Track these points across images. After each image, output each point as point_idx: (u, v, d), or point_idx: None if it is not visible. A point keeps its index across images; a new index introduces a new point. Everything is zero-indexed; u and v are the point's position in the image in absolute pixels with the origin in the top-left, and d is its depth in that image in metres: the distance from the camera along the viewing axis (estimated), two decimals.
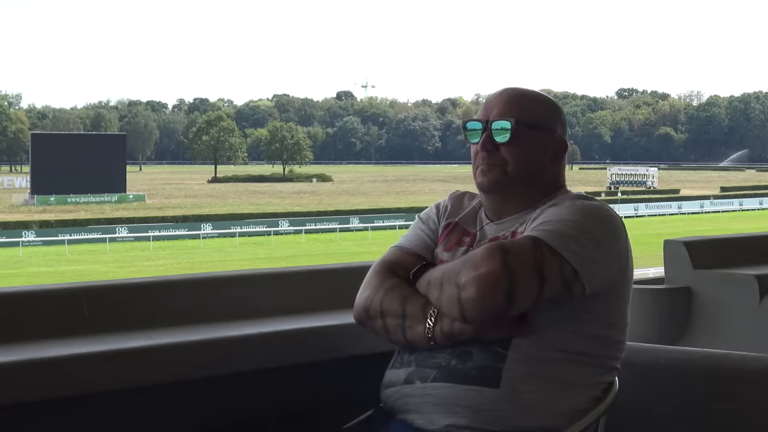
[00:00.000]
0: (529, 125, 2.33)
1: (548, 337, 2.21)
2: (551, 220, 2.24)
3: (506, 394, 2.17)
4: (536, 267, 2.15)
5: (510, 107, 2.34)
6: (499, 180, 2.33)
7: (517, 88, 2.41)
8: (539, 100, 2.40)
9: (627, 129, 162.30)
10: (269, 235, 50.07)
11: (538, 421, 2.18)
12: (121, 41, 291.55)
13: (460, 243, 2.39)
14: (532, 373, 2.19)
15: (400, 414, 2.28)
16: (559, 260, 2.17)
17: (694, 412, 2.57)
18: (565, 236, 2.19)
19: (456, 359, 2.23)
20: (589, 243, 2.21)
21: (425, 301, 2.28)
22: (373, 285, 2.37)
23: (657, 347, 2.74)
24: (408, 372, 2.29)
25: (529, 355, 2.20)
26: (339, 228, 52.80)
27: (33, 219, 55.16)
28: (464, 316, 2.18)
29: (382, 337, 2.36)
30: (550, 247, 2.18)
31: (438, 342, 2.24)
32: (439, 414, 2.21)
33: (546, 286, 2.16)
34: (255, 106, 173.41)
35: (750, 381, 2.52)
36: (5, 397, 2.12)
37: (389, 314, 2.31)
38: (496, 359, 2.20)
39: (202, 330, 2.48)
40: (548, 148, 2.37)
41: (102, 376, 2.24)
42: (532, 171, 2.34)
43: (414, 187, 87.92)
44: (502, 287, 2.13)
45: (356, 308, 2.39)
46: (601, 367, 2.28)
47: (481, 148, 2.34)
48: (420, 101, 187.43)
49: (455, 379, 2.21)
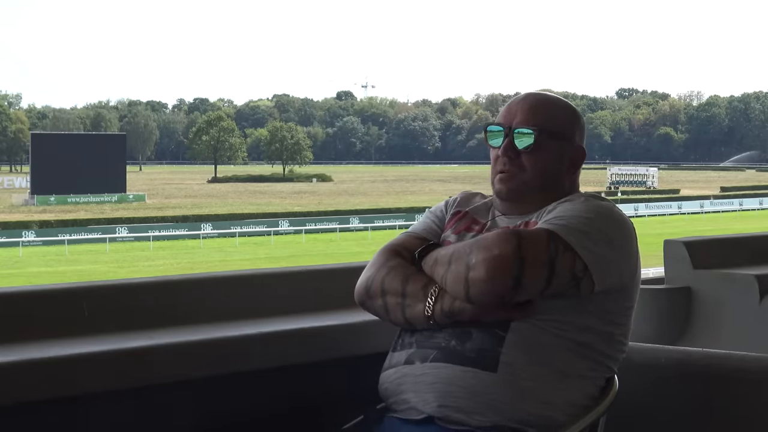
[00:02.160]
0: (550, 134, 2.36)
1: (549, 324, 2.22)
2: (565, 215, 2.25)
3: (503, 380, 2.18)
4: (548, 259, 2.16)
5: (533, 114, 2.36)
6: (518, 189, 2.36)
7: (540, 94, 2.44)
8: (561, 106, 2.42)
9: (627, 129, 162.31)
10: (269, 235, 50.07)
11: (532, 410, 2.17)
12: (121, 41, 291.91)
13: (469, 229, 2.41)
14: (529, 358, 2.19)
15: (393, 396, 2.29)
16: (571, 255, 2.18)
17: (694, 412, 2.57)
18: (580, 232, 2.21)
19: (455, 340, 2.24)
20: (601, 241, 2.22)
21: (427, 281, 2.30)
22: (376, 265, 2.39)
23: (657, 347, 2.74)
24: (409, 353, 2.30)
25: (527, 339, 2.21)
26: (339, 228, 52.79)
27: (33, 219, 55.17)
28: (468, 296, 2.18)
29: (381, 318, 2.37)
30: (564, 241, 2.19)
31: (437, 321, 2.26)
32: (433, 394, 2.21)
33: (555, 279, 2.17)
34: (255, 106, 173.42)
35: (750, 381, 2.52)
36: (5, 397, 2.12)
37: (390, 293, 2.33)
38: (494, 342, 2.21)
39: (202, 330, 2.48)
40: (566, 157, 2.40)
41: (102, 376, 2.24)
42: (549, 179, 2.37)
43: (414, 187, 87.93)
44: (511, 272, 2.14)
45: (357, 288, 2.40)
46: (600, 363, 2.28)
47: (502, 154, 2.36)
48: (420, 101, 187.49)
49: (454, 360, 2.22)
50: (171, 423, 2.42)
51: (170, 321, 2.54)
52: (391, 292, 2.33)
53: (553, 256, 2.17)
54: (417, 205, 61.66)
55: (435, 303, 2.26)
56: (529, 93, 2.43)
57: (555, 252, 2.17)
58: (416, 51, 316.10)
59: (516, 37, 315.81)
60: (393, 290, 2.32)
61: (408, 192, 80.00)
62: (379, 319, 2.39)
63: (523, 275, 2.14)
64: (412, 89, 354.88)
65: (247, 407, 2.51)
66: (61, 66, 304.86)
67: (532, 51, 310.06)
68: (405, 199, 70.39)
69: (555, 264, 2.17)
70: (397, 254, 2.38)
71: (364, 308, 2.40)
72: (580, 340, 2.23)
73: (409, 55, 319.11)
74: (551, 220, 2.25)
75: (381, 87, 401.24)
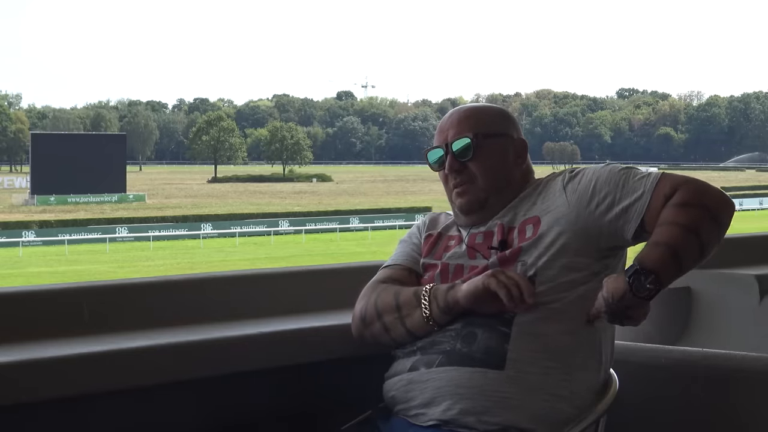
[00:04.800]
0: (486, 135, 2.42)
1: (553, 315, 2.24)
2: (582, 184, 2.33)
3: (510, 377, 2.20)
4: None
5: (464, 125, 2.43)
6: (477, 198, 2.41)
7: (465, 106, 2.52)
8: (487, 109, 2.51)
9: (627, 129, 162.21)
10: (269, 235, 50.04)
11: (542, 404, 2.19)
12: (121, 41, 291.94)
13: (447, 248, 2.45)
14: (534, 353, 2.22)
15: (401, 404, 2.29)
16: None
17: (694, 412, 2.57)
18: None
19: (461, 342, 2.26)
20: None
21: (416, 288, 2.35)
22: (365, 296, 2.45)
23: (657, 347, 2.74)
24: (413, 360, 2.32)
25: (531, 334, 2.23)
26: (339, 228, 52.76)
27: (33, 219, 55.12)
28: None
29: (384, 342, 2.39)
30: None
31: (437, 321, 2.29)
32: (441, 397, 2.22)
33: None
34: (255, 106, 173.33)
35: (750, 381, 2.52)
36: (5, 397, 2.12)
37: (385, 312, 2.37)
38: (500, 339, 2.23)
39: (202, 330, 2.48)
40: (509, 151, 2.45)
41: (102, 376, 2.24)
42: (502, 178, 2.42)
43: (414, 187, 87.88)
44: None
45: (353, 322, 2.46)
46: (600, 354, 2.31)
47: (449, 171, 2.43)
48: (420, 101, 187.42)
49: (461, 362, 2.23)
50: (171, 423, 2.43)
51: (170, 321, 2.54)
52: (386, 311, 2.37)
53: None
54: (417, 205, 61.63)
55: (430, 304, 2.29)
56: (453, 110, 2.51)
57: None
58: (416, 51, 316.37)
59: (516, 37, 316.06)
60: (387, 308, 2.37)
61: (408, 192, 79.97)
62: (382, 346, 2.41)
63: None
64: (412, 89, 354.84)
65: (248, 407, 2.51)
66: (61, 66, 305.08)
67: (532, 51, 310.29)
68: (405, 199, 70.34)
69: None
70: (383, 283, 2.45)
71: (363, 340, 2.45)
72: (580, 330, 2.26)
73: (409, 55, 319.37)
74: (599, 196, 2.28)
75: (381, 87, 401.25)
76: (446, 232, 2.50)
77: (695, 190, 2.20)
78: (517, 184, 2.43)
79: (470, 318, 2.27)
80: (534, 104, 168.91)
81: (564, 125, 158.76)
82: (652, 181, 2.24)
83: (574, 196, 2.30)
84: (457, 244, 2.43)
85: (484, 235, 2.39)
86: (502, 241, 2.34)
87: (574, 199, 2.30)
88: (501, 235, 2.35)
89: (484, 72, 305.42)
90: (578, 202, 2.29)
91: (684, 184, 2.21)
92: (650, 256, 2.14)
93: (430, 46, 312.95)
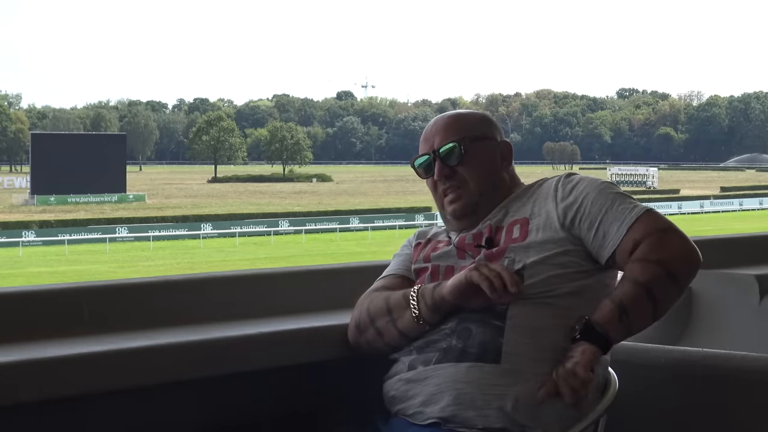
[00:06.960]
0: (472, 139, 2.45)
1: (545, 308, 2.25)
2: (579, 198, 2.35)
3: (506, 370, 2.20)
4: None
5: (450, 131, 2.46)
6: (470, 203, 2.43)
7: (447, 113, 2.54)
8: (470, 114, 2.54)
9: (627, 129, 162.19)
10: (269, 235, 50.03)
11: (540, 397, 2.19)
12: (121, 41, 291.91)
13: (436, 249, 2.47)
14: (529, 345, 2.22)
15: (401, 403, 2.30)
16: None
17: (694, 412, 2.57)
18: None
19: (456, 338, 2.27)
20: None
21: (405, 290, 2.37)
22: (359, 305, 2.48)
23: (657, 347, 2.74)
24: (410, 360, 2.33)
25: (525, 326, 2.24)
26: (339, 228, 52.75)
27: (33, 219, 55.11)
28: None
29: (380, 348, 2.41)
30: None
31: (427, 320, 2.31)
32: (440, 394, 2.23)
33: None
34: (255, 106, 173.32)
35: (750, 381, 2.52)
36: (5, 397, 2.12)
37: (377, 317, 2.39)
38: (495, 333, 2.24)
39: (202, 330, 2.48)
40: (496, 154, 2.48)
41: (102, 376, 2.24)
42: (491, 180, 2.44)
43: (414, 187, 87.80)
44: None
45: (349, 331, 2.48)
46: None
47: (438, 177, 2.45)
48: (420, 101, 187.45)
49: (457, 358, 2.25)
50: (171, 423, 2.42)
51: (170, 321, 2.54)
52: (378, 316, 2.39)
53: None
54: (417, 205, 61.63)
55: (418, 303, 2.31)
56: (436, 117, 2.53)
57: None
58: (416, 51, 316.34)
59: (516, 37, 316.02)
60: (379, 312, 2.39)
61: (408, 192, 79.91)
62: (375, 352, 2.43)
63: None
64: (412, 89, 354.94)
65: (247, 407, 2.51)
66: (61, 66, 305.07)
67: (532, 51, 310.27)
68: (405, 199, 70.33)
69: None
70: (376, 291, 2.47)
71: (359, 348, 2.47)
72: (573, 325, 2.25)
73: (409, 55, 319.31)
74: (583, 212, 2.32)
75: (381, 87, 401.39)
76: (435, 238, 2.53)
77: (657, 246, 2.23)
78: (506, 186, 2.46)
79: (464, 315, 2.28)
80: (534, 104, 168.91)
81: (564, 125, 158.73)
82: (632, 217, 2.28)
83: (563, 203, 2.34)
84: (446, 245, 2.45)
85: (473, 236, 2.41)
86: (489, 238, 2.37)
87: (562, 207, 2.34)
88: (489, 233, 2.37)
89: (484, 72, 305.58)
90: (564, 211, 2.33)
91: (654, 234, 2.25)
92: (600, 312, 2.21)
93: (430, 46, 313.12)
